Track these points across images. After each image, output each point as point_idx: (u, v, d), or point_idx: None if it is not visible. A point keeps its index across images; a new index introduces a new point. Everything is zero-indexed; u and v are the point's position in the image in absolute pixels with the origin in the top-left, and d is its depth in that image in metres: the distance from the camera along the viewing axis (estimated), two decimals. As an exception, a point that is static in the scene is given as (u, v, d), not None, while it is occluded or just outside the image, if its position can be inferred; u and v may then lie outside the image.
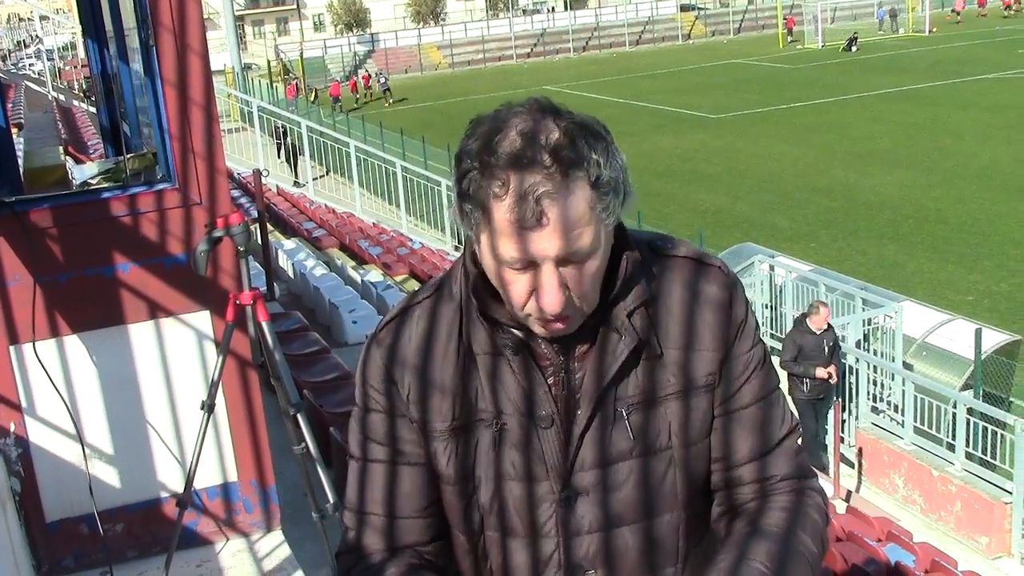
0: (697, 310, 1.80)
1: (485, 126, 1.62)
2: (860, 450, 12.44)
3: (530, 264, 1.62)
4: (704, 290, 1.81)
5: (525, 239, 1.58)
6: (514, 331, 1.76)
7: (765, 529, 1.77)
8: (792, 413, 1.90)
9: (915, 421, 12.13)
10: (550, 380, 1.77)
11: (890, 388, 13.06)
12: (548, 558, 1.82)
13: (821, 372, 12.24)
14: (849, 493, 11.93)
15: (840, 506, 10.69)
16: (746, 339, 1.83)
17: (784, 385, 11.25)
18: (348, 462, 1.95)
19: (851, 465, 12.51)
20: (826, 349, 12.35)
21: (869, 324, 14.03)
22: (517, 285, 1.65)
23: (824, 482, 11.56)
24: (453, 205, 1.68)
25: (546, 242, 1.58)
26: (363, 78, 60.71)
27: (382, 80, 57.82)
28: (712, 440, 1.84)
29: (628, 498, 1.79)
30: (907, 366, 13.61)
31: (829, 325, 12.52)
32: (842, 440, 12.37)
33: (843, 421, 12.49)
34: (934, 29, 64.93)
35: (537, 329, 1.71)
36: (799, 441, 1.89)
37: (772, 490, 1.84)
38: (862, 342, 13.78)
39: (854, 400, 12.74)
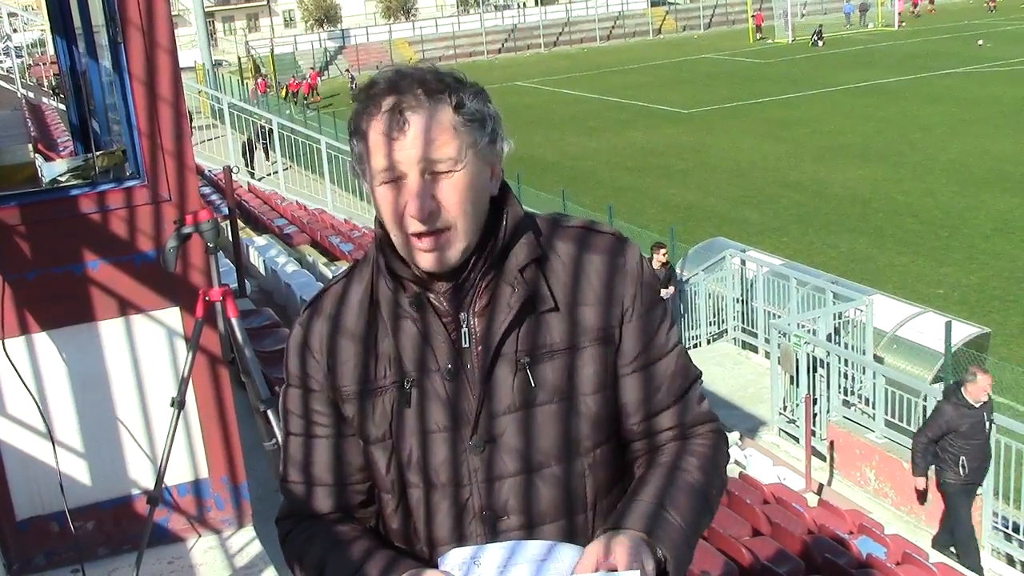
0: (591, 268, 1.95)
1: (370, 78, 1.88)
2: (831, 443, 12.50)
3: (399, 178, 1.81)
4: (597, 251, 1.96)
5: (391, 148, 1.80)
6: (418, 288, 1.91)
7: (671, 473, 1.93)
8: (691, 364, 2.06)
9: (886, 414, 12.20)
10: (452, 335, 1.90)
11: (861, 381, 13.13)
12: (466, 506, 1.93)
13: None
14: (821, 486, 11.99)
15: (812, 499, 10.74)
16: (645, 295, 1.97)
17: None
18: (284, 436, 2.09)
19: (823, 458, 12.57)
20: (986, 425, 10.19)
21: (840, 318, 14.10)
22: (391, 202, 1.83)
23: (795, 476, 11.64)
24: (352, 164, 1.93)
25: (408, 148, 1.79)
26: (312, 76, 60.14)
27: (351, 78, 57.79)
28: (625, 393, 1.97)
29: (534, 445, 1.91)
30: (878, 359, 13.69)
31: (989, 396, 10.36)
32: (813, 433, 12.43)
33: (814, 415, 12.55)
34: (903, 24, 65.30)
35: (422, 261, 1.85)
36: (697, 390, 2.06)
37: (686, 435, 2.01)
38: (833, 335, 13.84)
39: (825, 394, 12.80)
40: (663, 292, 15.11)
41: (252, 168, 27.58)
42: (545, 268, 1.93)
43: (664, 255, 15.78)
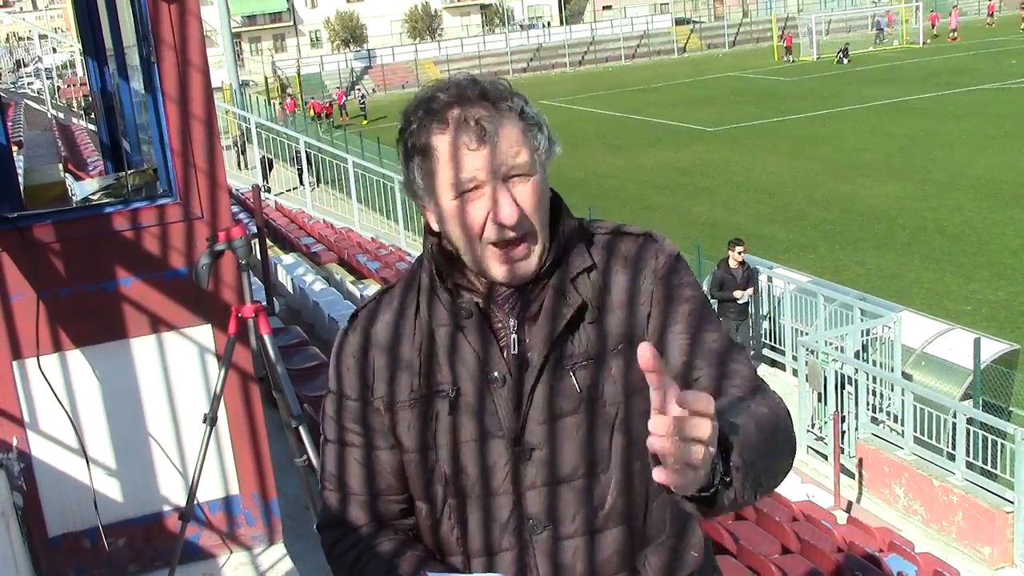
0: (631, 273, 1.95)
1: (420, 96, 1.87)
2: (860, 460, 12.44)
3: (479, 186, 1.81)
4: (645, 260, 1.97)
5: (472, 159, 1.80)
6: (469, 295, 1.92)
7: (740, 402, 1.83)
8: (745, 351, 2.00)
9: (915, 431, 12.13)
10: (502, 343, 1.91)
11: (889, 398, 13.06)
12: (508, 515, 1.92)
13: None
14: (850, 504, 11.93)
15: (841, 517, 10.68)
16: (678, 286, 1.95)
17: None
18: (323, 441, 2.09)
19: (851, 476, 12.51)
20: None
21: (868, 335, 14.04)
22: (473, 210, 1.83)
23: (824, 493, 11.58)
24: (403, 184, 1.91)
25: (491, 157, 1.80)
26: (337, 95, 60.47)
27: (361, 99, 57.92)
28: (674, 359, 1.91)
29: (576, 453, 1.90)
30: (906, 376, 13.61)
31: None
32: (842, 451, 12.37)
33: (843, 432, 12.49)
34: (927, 41, 65.08)
35: (497, 269, 1.85)
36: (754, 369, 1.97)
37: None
38: (861, 352, 13.78)
39: (853, 411, 12.74)
40: (738, 294, 15.16)
41: (268, 184, 27.89)
42: (592, 276, 1.94)
43: (740, 253, 15.34)
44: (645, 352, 1.42)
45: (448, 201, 1.85)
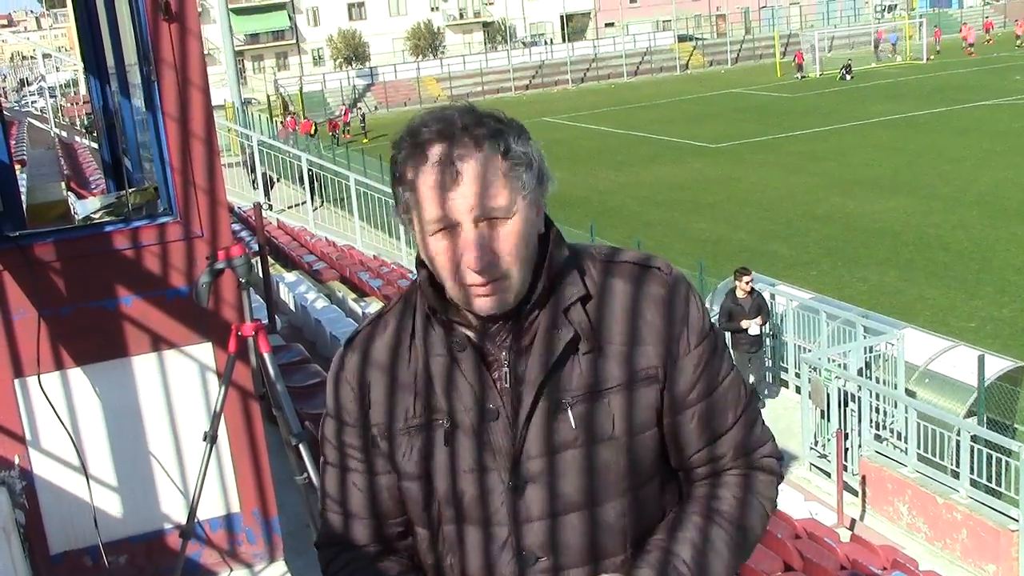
0: (637, 308, 1.93)
1: (411, 124, 1.85)
2: (864, 478, 12.41)
3: (453, 225, 1.80)
4: (644, 289, 1.94)
5: (445, 199, 1.78)
6: (462, 329, 1.91)
7: (699, 521, 1.92)
8: (745, 388, 2.02)
9: (919, 449, 12.10)
10: (495, 375, 1.90)
11: (893, 416, 13.04)
12: (502, 546, 1.92)
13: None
14: (853, 521, 11.90)
15: (844, 534, 10.65)
16: (692, 335, 1.94)
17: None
18: (322, 462, 2.10)
19: (854, 493, 12.47)
20: None
21: (871, 352, 14.02)
22: (445, 251, 1.82)
23: (827, 511, 11.55)
24: (395, 209, 1.90)
25: (461, 199, 1.78)
26: (343, 112, 60.43)
27: (361, 117, 57.95)
28: (668, 433, 1.96)
29: (573, 486, 1.89)
30: (910, 393, 13.57)
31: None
32: (845, 468, 12.34)
33: (846, 449, 12.46)
34: (931, 57, 65.20)
35: (478, 305, 1.84)
36: (752, 414, 2.03)
37: (727, 466, 1.99)
38: (864, 370, 13.76)
39: (856, 428, 12.71)
40: (746, 323, 14.57)
41: (269, 201, 28.00)
42: (587, 307, 1.92)
43: (748, 283, 14.74)
44: None
45: (428, 236, 1.84)
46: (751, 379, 14.33)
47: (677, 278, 1.97)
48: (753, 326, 14.64)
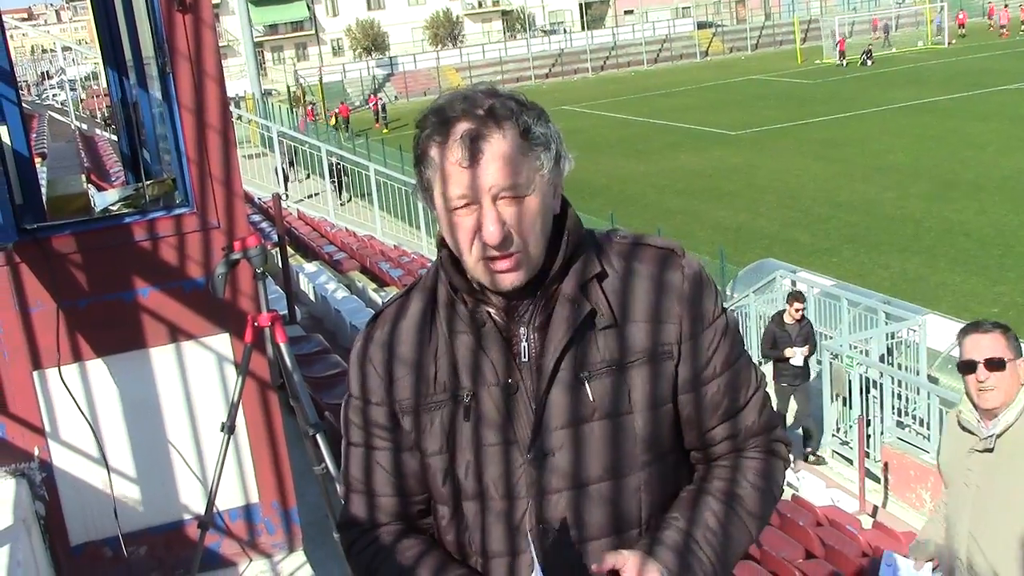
0: (653, 287, 2.00)
1: (436, 103, 1.92)
2: (886, 465, 12.35)
3: (472, 203, 1.86)
4: (659, 269, 2.01)
5: (465, 176, 1.84)
6: (482, 306, 1.97)
7: (715, 500, 2.00)
8: (756, 371, 2.10)
9: (941, 435, 12.02)
10: (514, 350, 1.96)
11: (915, 402, 12.96)
12: (521, 519, 1.96)
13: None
14: (875, 508, 11.85)
15: (866, 521, 10.62)
16: (706, 314, 2.01)
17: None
18: (344, 445, 2.13)
19: (877, 480, 12.42)
20: None
21: (893, 338, 13.95)
22: (463, 227, 1.88)
23: (849, 498, 11.51)
24: (416, 187, 1.97)
25: (482, 176, 1.84)
26: (371, 101, 60.51)
27: (381, 107, 57.93)
28: (684, 409, 2.02)
29: (591, 459, 1.95)
30: (932, 380, 13.50)
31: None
32: (867, 455, 12.29)
33: (868, 436, 12.41)
34: (952, 41, 64.71)
35: (490, 281, 1.90)
36: (763, 396, 2.11)
37: (740, 446, 2.07)
38: (886, 356, 13.70)
39: (879, 415, 12.66)
40: (789, 352, 13.17)
41: (287, 191, 28.07)
42: (604, 284, 1.98)
43: (798, 311, 13.34)
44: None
45: (443, 213, 1.91)
46: (793, 416, 13.57)
47: (691, 260, 2.03)
48: (797, 355, 13.21)
